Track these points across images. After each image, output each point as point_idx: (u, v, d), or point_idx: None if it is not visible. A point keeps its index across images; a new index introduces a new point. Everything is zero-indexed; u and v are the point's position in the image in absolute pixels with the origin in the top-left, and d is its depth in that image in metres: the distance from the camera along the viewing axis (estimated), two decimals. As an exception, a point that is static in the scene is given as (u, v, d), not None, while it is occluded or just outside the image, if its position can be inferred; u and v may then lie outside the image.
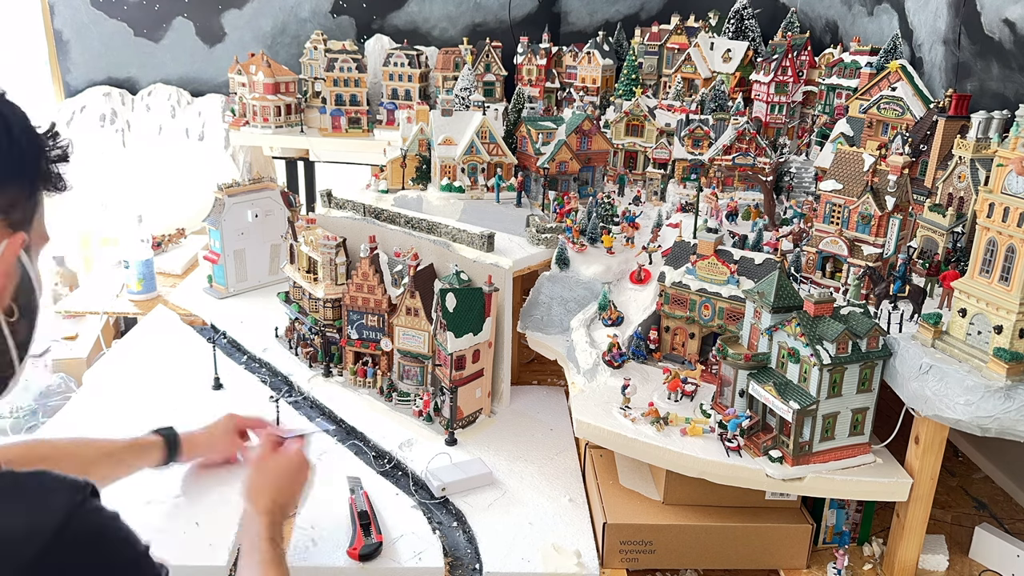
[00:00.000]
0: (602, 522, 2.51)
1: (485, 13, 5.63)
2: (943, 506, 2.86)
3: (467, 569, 2.49)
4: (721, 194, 3.68)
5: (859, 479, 2.36)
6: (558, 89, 5.31)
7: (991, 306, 2.16)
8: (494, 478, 2.83)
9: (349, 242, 3.45)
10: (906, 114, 3.38)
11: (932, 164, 3.07)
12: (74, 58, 5.56)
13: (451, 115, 3.81)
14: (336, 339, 3.46)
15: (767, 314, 2.43)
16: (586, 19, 5.73)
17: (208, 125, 5.54)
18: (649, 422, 2.53)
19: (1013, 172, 2.12)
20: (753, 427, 2.45)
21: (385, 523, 2.61)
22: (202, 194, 4.61)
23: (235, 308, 4.16)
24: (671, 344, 2.95)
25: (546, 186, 3.74)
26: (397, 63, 5.19)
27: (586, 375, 2.82)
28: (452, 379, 3.02)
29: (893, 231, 2.78)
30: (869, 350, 2.31)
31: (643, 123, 4.22)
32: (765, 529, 2.50)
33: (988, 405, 2.07)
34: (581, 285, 3.24)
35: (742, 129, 3.72)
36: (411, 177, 3.90)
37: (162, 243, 4.95)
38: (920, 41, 3.71)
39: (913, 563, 2.47)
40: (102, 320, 4.14)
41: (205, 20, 5.54)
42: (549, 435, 3.14)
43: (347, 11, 5.58)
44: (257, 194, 4.28)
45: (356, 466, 2.93)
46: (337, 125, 5.14)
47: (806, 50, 4.44)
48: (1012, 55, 2.97)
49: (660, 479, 2.61)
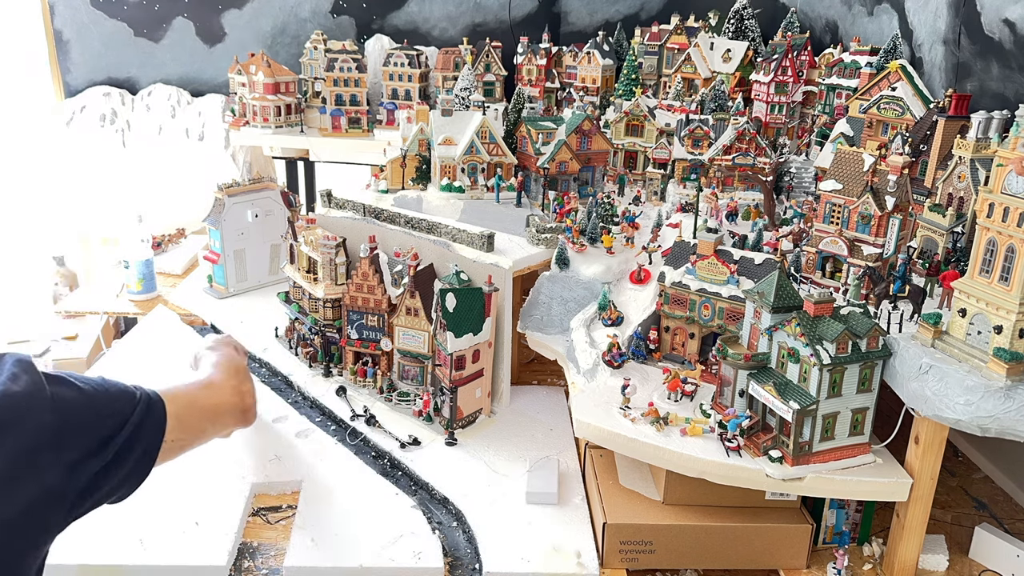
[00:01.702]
0: (602, 522, 2.51)
1: (485, 13, 5.63)
2: (943, 506, 2.86)
3: (467, 569, 2.49)
4: (721, 194, 3.68)
5: (859, 479, 2.36)
6: (558, 89, 5.31)
7: (991, 306, 2.16)
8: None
9: (349, 242, 3.45)
10: (906, 114, 3.38)
11: (932, 164, 3.07)
12: (74, 58, 5.57)
13: (451, 115, 3.81)
14: (336, 339, 3.46)
15: (767, 314, 2.43)
16: (586, 19, 5.74)
17: (208, 125, 5.54)
18: (649, 422, 2.53)
19: (1013, 172, 2.12)
20: (753, 427, 2.45)
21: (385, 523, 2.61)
22: (202, 194, 4.61)
23: (235, 308, 4.16)
24: (671, 344, 2.95)
25: (546, 186, 3.75)
26: (397, 63, 5.20)
27: (586, 375, 2.82)
28: (452, 379, 3.02)
29: (893, 231, 2.78)
30: (869, 350, 2.31)
31: (643, 123, 4.22)
32: (765, 529, 2.50)
33: (988, 405, 2.07)
34: (581, 285, 3.24)
35: (742, 129, 3.73)
36: (411, 177, 3.90)
37: (162, 243, 4.96)
38: (920, 41, 3.71)
39: (913, 563, 2.47)
40: (102, 320, 4.14)
41: (205, 20, 5.54)
42: (549, 435, 3.14)
43: (347, 11, 5.58)
44: (257, 194, 4.28)
45: (356, 466, 2.93)
46: (337, 125, 5.14)
47: (806, 50, 4.44)
48: (1012, 55, 2.97)
49: (660, 479, 2.61)
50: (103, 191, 5.41)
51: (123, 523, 2.52)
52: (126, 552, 2.45)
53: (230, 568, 2.46)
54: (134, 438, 1.46)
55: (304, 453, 3.01)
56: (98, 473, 1.39)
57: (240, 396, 1.92)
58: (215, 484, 2.79)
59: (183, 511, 2.63)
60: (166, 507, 2.63)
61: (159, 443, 1.53)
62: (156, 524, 2.56)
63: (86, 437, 1.37)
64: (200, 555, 2.46)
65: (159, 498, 2.64)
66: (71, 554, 2.41)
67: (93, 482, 1.39)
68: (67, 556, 2.40)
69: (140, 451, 1.48)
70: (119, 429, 1.43)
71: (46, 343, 3.89)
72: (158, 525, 2.56)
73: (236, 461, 2.93)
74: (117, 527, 2.51)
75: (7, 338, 3.87)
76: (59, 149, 5.47)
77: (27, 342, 3.88)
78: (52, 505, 1.32)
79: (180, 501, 2.67)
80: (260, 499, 2.81)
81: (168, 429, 1.55)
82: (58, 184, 5.47)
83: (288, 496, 2.83)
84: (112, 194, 5.40)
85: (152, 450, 1.51)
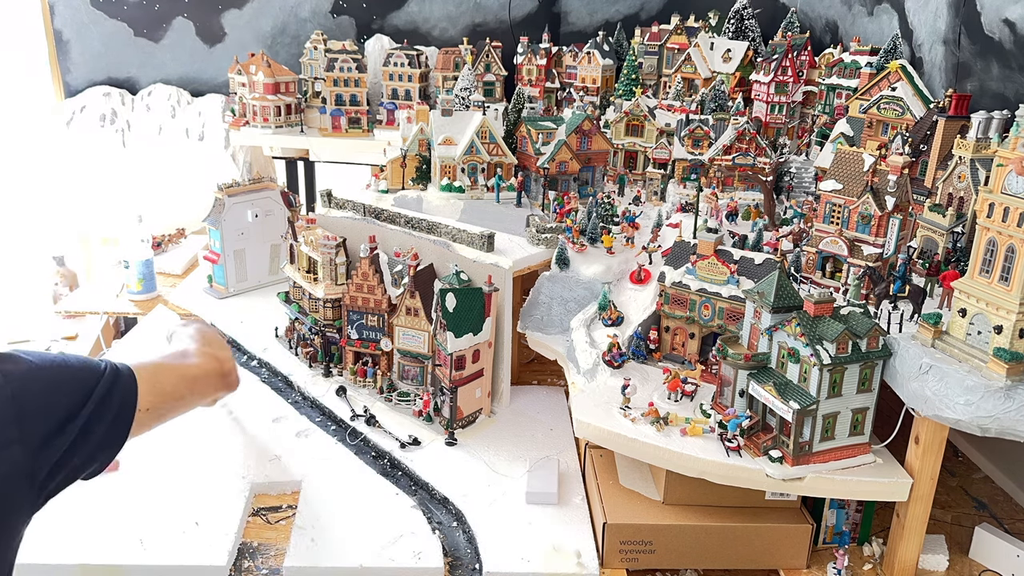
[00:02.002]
0: (602, 522, 2.51)
1: (485, 13, 5.63)
2: (943, 506, 2.86)
3: (467, 569, 2.49)
4: (721, 194, 3.68)
5: (859, 479, 2.36)
6: (558, 89, 5.31)
7: (991, 306, 2.16)
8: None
9: (349, 242, 3.45)
10: (906, 114, 3.38)
11: (932, 164, 3.07)
12: (74, 58, 5.57)
13: (451, 115, 3.81)
14: (336, 339, 3.46)
15: (767, 314, 2.43)
16: (586, 19, 5.74)
17: (208, 125, 5.54)
18: (649, 422, 2.53)
19: (1013, 172, 2.12)
20: (753, 427, 2.45)
21: (385, 523, 2.61)
22: (202, 194, 4.61)
23: (235, 308, 4.16)
24: (671, 344, 2.95)
25: (546, 186, 3.75)
26: (397, 63, 5.19)
27: (586, 375, 2.82)
28: (452, 379, 3.02)
29: (893, 231, 2.78)
30: (869, 350, 2.31)
31: (643, 123, 4.22)
32: (765, 529, 2.50)
33: (988, 405, 2.07)
34: (581, 285, 3.24)
35: (742, 129, 3.73)
36: (411, 177, 3.90)
37: (162, 243, 4.96)
38: (920, 41, 3.71)
39: (913, 563, 2.47)
40: (102, 320, 4.14)
41: (205, 20, 5.54)
42: (549, 435, 3.14)
43: (347, 11, 5.58)
44: (257, 194, 4.28)
45: (356, 466, 2.93)
46: (337, 125, 5.14)
47: (806, 50, 4.44)
48: (1012, 55, 2.97)
49: (660, 479, 2.61)
50: (103, 191, 5.41)
51: (123, 523, 2.53)
52: (126, 552, 2.45)
53: (230, 568, 2.46)
54: (103, 408, 1.44)
55: (304, 453, 3.01)
56: (67, 447, 1.37)
57: (218, 361, 1.90)
58: (215, 484, 2.79)
59: (183, 511, 2.63)
60: (166, 507, 2.63)
61: (130, 413, 1.51)
62: (156, 524, 2.56)
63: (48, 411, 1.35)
64: (200, 555, 2.46)
65: (159, 498, 2.65)
66: (71, 554, 2.42)
67: (63, 457, 1.37)
68: (67, 556, 2.41)
69: (109, 421, 1.46)
70: (84, 401, 1.41)
71: (46, 343, 3.89)
72: (158, 525, 2.56)
73: (236, 461, 2.93)
74: (117, 527, 2.51)
75: (7, 338, 3.87)
76: (59, 149, 5.47)
77: (27, 342, 3.87)
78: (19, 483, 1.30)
79: (180, 501, 2.67)
80: (260, 499, 2.81)
81: (140, 396, 1.53)
82: (58, 184, 5.47)
83: (288, 496, 2.83)
84: (112, 194, 5.40)
85: (122, 421, 1.49)
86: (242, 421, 3.19)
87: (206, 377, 1.85)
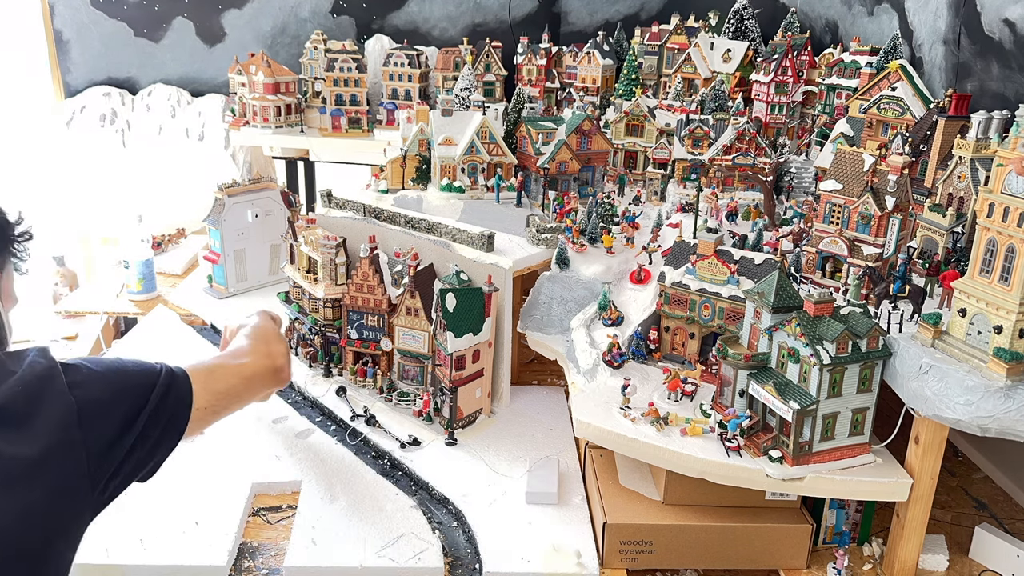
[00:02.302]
0: (602, 522, 2.51)
1: (485, 13, 5.63)
2: (943, 506, 2.86)
3: (467, 569, 2.49)
4: (721, 194, 3.68)
5: (859, 479, 2.36)
6: (558, 89, 5.31)
7: (991, 306, 2.16)
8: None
9: (349, 242, 3.45)
10: (906, 114, 3.38)
11: (932, 164, 3.07)
12: (74, 58, 5.56)
13: (451, 115, 3.81)
14: (336, 339, 3.46)
15: (767, 314, 2.43)
16: (586, 19, 5.74)
17: (208, 125, 5.54)
18: (649, 422, 2.53)
19: (1013, 172, 2.12)
20: (753, 427, 2.45)
21: (385, 523, 2.61)
22: (202, 194, 4.61)
23: (235, 308, 4.15)
24: (671, 344, 2.95)
25: (546, 186, 3.75)
26: (397, 63, 5.19)
27: (586, 375, 2.82)
28: (452, 379, 3.02)
29: (893, 231, 2.78)
30: (869, 350, 2.31)
31: (643, 123, 4.22)
32: (765, 529, 2.50)
33: (988, 405, 2.07)
34: (581, 285, 3.24)
35: (742, 129, 3.72)
36: (411, 177, 3.90)
37: (162, 243, 4.95)
38: (920, 41, 3.71)
39: (913, 563, 2.47)
40: (102, 320, 4.14)
41: (205, 20, 5.54)
42: (549, 435, 3.14)
43: (347, 11, 5.58)
44: (257, 194, 4.28)
45: (356, 466, 2.93)
46: (337, 125, 5.14)
47: (806, 50, 4.44)
48: (1012, 55, 2.96)
49: (660, 479, 2.61)
50: (103, 191, 5.41)
51: (123, 523, 2.53)
52: (126, 552, 2.45)
53: (230, 568, 2.46)
54: (159, 410, 1.49)
55: (304, 453, 3.01)
56: (127, 450, 1.42)
57: (270, 358, 1.95)
58: (215, 484, 2.79)
59: (183, 511, 2.63)
60: (166, 507, 2.63)
61: (186, 413, 1.57)
62: (156, 524, 2.56)
63: (109, 416, 1.41)
64: (200, 555, 2.46)
65: (159, 498, 2.64)
66: (71, 554, 2.41)
67: (124, 459, 1.42)
68: (67, 556, 2.40)
69: (165, 422, 1.51)
70: (143, 404, 1.47)
71: (46, 343, 3.88)
72: (158, 525, 2.56)
73: (236, 461, 2.93)
74: (117, 527, 2.51)
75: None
76: (59, 149, 5.47)
77: (27, 342, 3.87)
78: (82, 486, 1.34)
79: (180, 501, 2.67)
80: (260, 499, 2.81)
81: (196, 396, 1.59)
82: (58, 184, 5.47)
83: (288, 496, 2.83)
84: (112, 194, 5.40)
85: (178, 420, 1.55)
86: (242, 421, 3.18)
87: (259, 375, 1.91)
